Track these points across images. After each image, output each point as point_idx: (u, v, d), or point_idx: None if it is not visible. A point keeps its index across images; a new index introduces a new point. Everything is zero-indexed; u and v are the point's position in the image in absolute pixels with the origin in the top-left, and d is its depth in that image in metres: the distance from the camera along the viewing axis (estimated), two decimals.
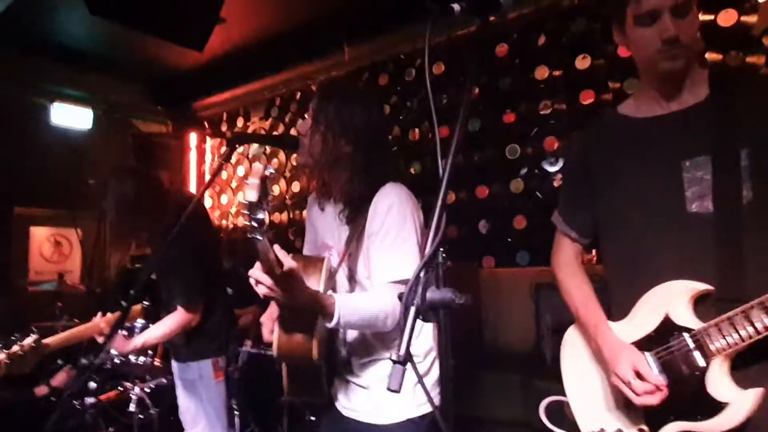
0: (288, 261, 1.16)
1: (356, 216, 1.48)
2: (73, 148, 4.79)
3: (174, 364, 2.51)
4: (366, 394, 1.52)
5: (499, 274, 3.71)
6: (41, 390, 3.02)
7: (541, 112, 3.61)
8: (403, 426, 1.47)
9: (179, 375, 2.47)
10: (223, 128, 5.75)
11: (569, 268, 1.48)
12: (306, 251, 1.75)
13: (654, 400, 1.20)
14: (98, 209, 2.43)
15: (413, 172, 4.17)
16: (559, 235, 1.52)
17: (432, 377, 1.52)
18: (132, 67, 5.08)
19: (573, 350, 1.47)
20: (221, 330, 2.52)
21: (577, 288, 1.45)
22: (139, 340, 2.28)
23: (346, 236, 1.52)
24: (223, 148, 5.71)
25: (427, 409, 1.47)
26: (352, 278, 1.54)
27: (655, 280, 1.26)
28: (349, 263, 1.50)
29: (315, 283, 1.37)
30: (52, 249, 4.84)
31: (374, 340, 1.50)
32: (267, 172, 1.03)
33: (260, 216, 1.02)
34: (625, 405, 1.32)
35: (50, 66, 4.74)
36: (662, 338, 1.25)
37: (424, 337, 1.52)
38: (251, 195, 1.00)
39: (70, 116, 4.89)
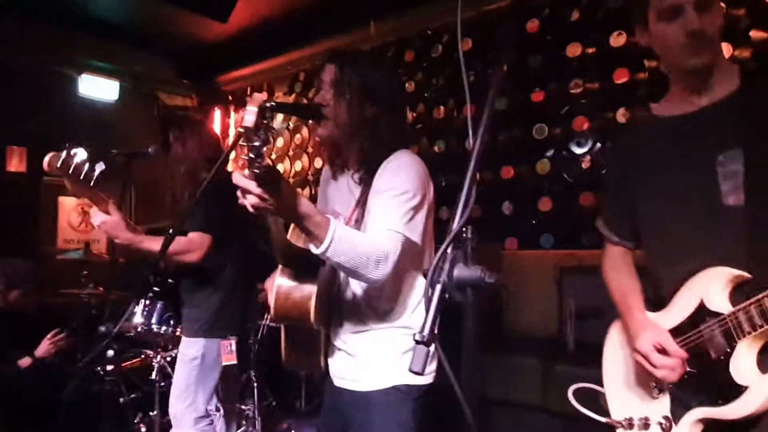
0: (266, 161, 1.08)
1: (369, 179, 1.44)
2: (99, 119, 4.85)
3: (182, 338, 2.49)
4: (352, 362, 1.49)
5: (521, 257, 3.65)
6: (24, 362, 3.08)
7: (572, 91, 3.49)
8: (389, 393, 1.42)
9: (181, 350, 2.44)
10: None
11: (612, 264, 1.52)
12: None
13: (673, 376, 1.22)
14: (123, 181, 2.44)
15: (437, 151, 4.10)
16: (605, 240, 1.56)
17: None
18: (158, 41, 5.08)
19: (613, 340, 1.51)
20: (241, 308, 2.51)
21: (617, 281, 1.48)
22: (138, 237, 2.12)
23: (354, 202, 1.49)
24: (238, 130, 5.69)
25: (417, 380, 1.41)
26: None
27: (692, 274, 1.27)
28: (354, 226, 1.45)
29: None
30: (79, 218, 4.93)
31: (367, 309, 1.46)
32: (267, 104, 0.99)
33: (257, 143, 0.97)
34: (651, 393, 1.33)
35: (79, 38, 4.77)
36: (694, 324, 1.25)
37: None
38: (249, 120, 0.95)
39: (98, 88, 4.95)
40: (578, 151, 3.47)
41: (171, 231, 1.83)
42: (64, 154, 1.76)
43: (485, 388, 2.92)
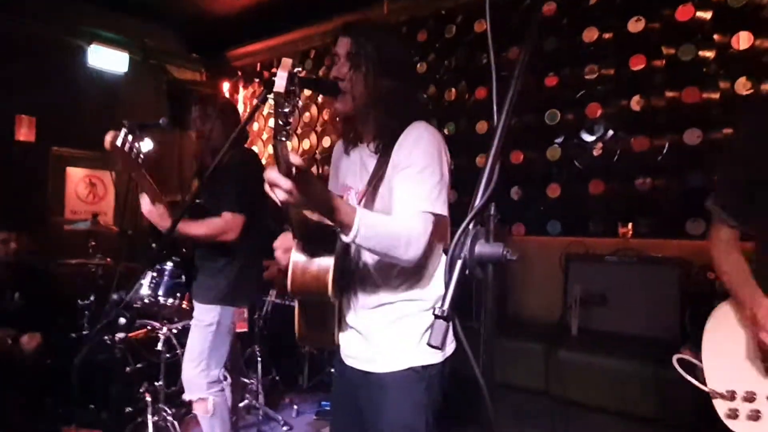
0: (298, 160, 1.06)
1: (385, 151, 1.42)
2: (108, 91, 4.83)
3: (196, 306, 2.52)
4: (365, 342, 1.48)
5: (528, 242, 3.65)
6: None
7: (587, 77, 3.45)
8: (404, 375, 1.40)
9: (197, 316, 2.49)
10: (256, 79, 5.70)
11: (725, 247, 1.52)
12: None
13: None
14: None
15: (447, 133, 4.07)
16: (717, 222, 1.55)
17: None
18: (169, 14, 5.04)
19: (721, 322, 1.52)
20: (255, 280, 2.57)
21: (733, 265, 1.49)
22: (182, 225, 2.23)
23: (366, 173, 1.47)
24: (255, 102, 5.68)
25: (432, 359, 1.42)
26: None
27: None
28: (367, 199, 1.42)
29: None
30: (87, 190, 4.94)
31: (381, 282, 1.44)
32: (296, 69, 0.96)
33: (287, 109, 0.95)
34: (764, 371, 1.39)
35: (89, 8, 4.74)
36: None
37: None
38: (279, 85, 0.92)
39: (107, 59, 4.91)
40: (590, 138, 3.44)
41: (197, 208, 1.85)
42: (124, 131, 1.79)
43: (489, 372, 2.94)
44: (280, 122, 0.95)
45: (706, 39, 3.01)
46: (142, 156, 1.88)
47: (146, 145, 1.89)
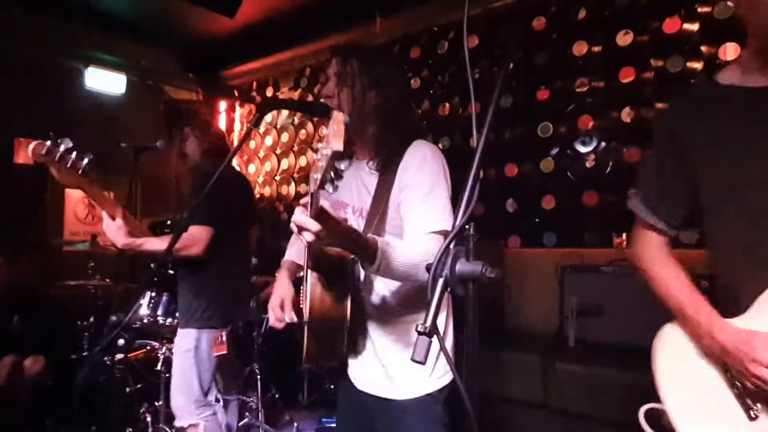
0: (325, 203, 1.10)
1: (386, 169, 1.44)
2: (106, 112, 4.88)
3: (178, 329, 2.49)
4: (380, 367, 1.49)
5: (524, 255, 3.67)
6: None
7: (577, 90, 3.50)
8: (422, 401, 1.44)
9: (177, 341, 2.46)
10: (252, 97, 5.76)
11: (658, 260, 1.30)
12: None
13: None
14: (130, 174, 2.46)
15: (441, 148, 4.09)
16: (640, 226, 1.34)
17: (447, 348, 1.50)
18: (165, 34, 5.10)
19: (674, 352, 1.27)
20: (233, 300, 2.49)
21: (674, 280, 1.26)
22: (138, 241, 2.14)
23: (365, 191, 1.49)
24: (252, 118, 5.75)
25: (445, 381, 1.46)
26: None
27: None
28: (377, 222, 1.43)
29: None
30: (86, 211, 4.96)
31: (397, 306, 1.47)
32: (345, 119, 0.96)
33: (342, 166, 0.97)
34: (748, 413, 1.12)
35: (86, 31, 4.79)
36: None
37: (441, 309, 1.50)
38: (337, 144, 0.91)
39: (105, 81, 4.97)
40: (583, 150, 3.48)
41: (175, 226, 1.85)
42: (49, 142, 1.77)
43: (485, 385, 2.94)
44: (331, 175, 0.96)
45: (694, 51, 3.07)
46: (82, 167, 1.84)
47: (87, 155, 1.87)
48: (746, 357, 1.08)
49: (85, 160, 1.86)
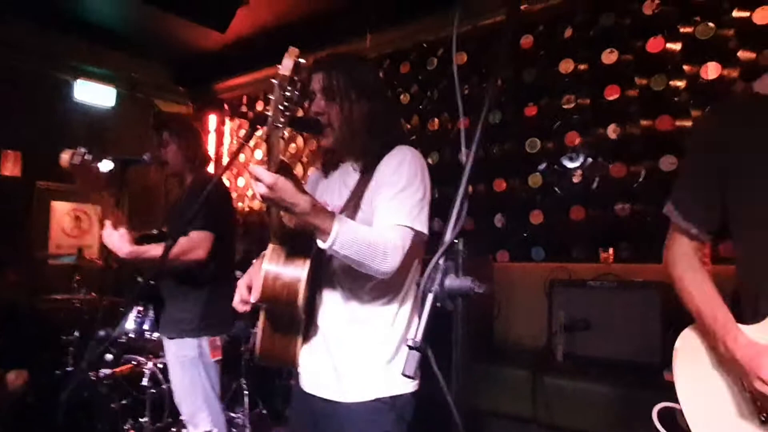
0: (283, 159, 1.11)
1: (367, 169, 1.44)
2: (95, 125, 4.86)
3: (167, 342, 2.45)
4: (330, 369, 1.43)
5: (513, 269, 3.69)
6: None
7: (564, 107, 3.56)
8: (370, 406, 1.37)
9: (176, 352, 2.41)
10: (243, 111, 5.78)
11: (686, 264, 1.32)
12: None
13: None
14: (117, 187, 2.45)
15: (431, 163, 4.14)
16: (675, 230, 1.36)
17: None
18: (155, 48, 5.11)
19: (691, 355, 1.30)
20: (227, 309, 2.51)
21: (698, 286, 1.28)
22: (142, 248, 2.18)
23: (346, 190, 1.48)
24: (242, 131, 5.78)
25: (400, 390, 1.39)
26: None
27: None
28: (347, 215, 1.40)
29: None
30: (72, 223, 4.92)
31: (352, 296, 1.42)
32: (301, 60, 0.98)
33: (288, 93, 0.94)
34: (759, 417, 1.16)
35: (75, 43, 4.78)
36: None
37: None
38: (286, 67, 0.93)
39: (94, 93, 4.95)
40: (570, 165, 3.53)
41: (163, 238, 1.87)
42: (82, 150, 1.87)
43: (475, 399, 2.94)
44: (281, 107, 0.95)
45: (677, 69, 3.14)
46: (103, 176, 1.93)
47: (105, 165, 1.95)
48: (752, 373, 1.11)
49: (106, 169, 2.01)
